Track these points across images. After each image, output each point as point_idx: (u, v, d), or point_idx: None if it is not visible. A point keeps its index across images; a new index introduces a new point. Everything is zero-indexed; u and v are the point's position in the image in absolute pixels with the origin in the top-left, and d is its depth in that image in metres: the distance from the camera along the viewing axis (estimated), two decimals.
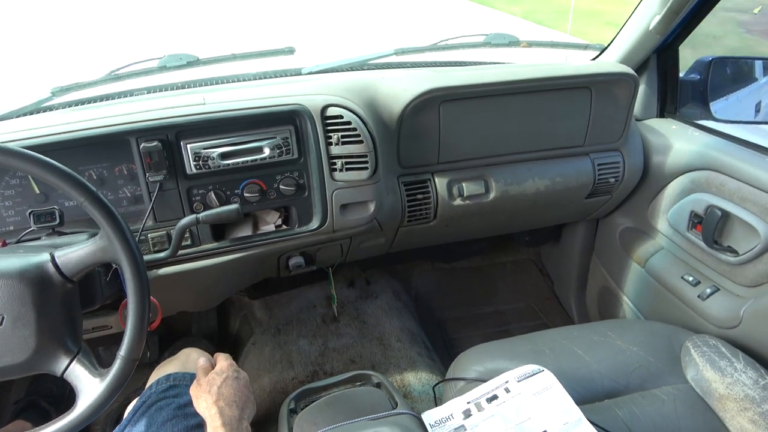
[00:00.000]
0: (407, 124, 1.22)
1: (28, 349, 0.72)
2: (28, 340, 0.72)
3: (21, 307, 0.72)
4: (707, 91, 1.48)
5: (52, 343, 0.74)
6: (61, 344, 0.74)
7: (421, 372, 1.63)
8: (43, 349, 0.73)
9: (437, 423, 0.96)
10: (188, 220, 1.00)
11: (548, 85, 1.29)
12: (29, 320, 0.72)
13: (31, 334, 0.72)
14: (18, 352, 0.72)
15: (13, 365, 0.73)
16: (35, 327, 0.72)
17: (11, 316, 0.72)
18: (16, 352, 0.72)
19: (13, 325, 0.72)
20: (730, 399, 1.01)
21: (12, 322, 0.72)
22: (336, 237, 1.26)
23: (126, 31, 7.68)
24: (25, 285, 0.72)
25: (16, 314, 0.72)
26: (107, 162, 1.06)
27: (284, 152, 1.12)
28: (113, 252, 0.73)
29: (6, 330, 0.71)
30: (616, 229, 1.66)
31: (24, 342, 0.72)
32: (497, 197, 1.35)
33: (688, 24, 1.40)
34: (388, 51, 1.48)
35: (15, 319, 0.72)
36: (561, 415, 0.94)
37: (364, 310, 1.87)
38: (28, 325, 0.72)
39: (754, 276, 1.22)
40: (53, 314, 0.74)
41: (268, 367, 1.66)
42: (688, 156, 1.37)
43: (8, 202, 1.03)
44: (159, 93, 1.32)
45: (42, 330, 0.73)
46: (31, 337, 0.72)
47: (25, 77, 5.07)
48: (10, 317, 0.72)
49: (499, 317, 2.01)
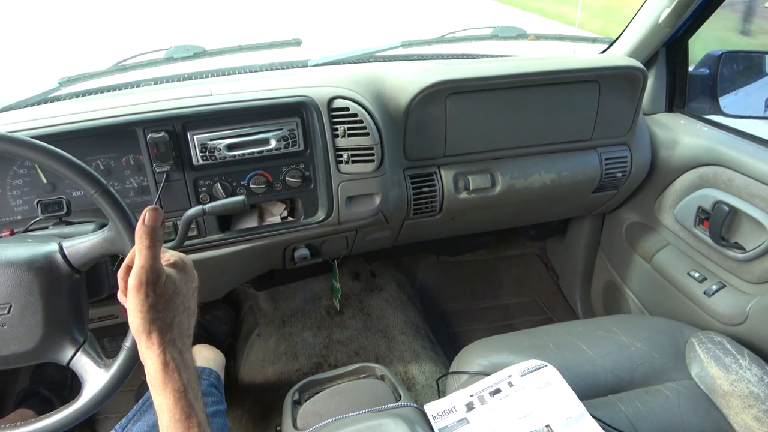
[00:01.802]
0: (414, 117, 1.22)
1: (35, 337, 0.73)
2: (35, 328, 0.73)
3: (29, 296, 0.72)
4: (716, 86, 1.46)
5: (58, 333, 0.74)
6: (68, 334, 0.75)
7: (425, 365, 1.64)
8: (49, 338, 0.74)
9: (440, 415, 0.97)
10: (194, 210, 1.00)
11: (556, 78, 1.29)
12: (37, 309, 0.73)
13: (38, 323, 0.73)
14: (25, 340, 0.73)
15: (20, 353, 0.73)
16: (42, 316, 0.73)
17: (19, 304, 0.72)
18: (23, 340, 0.73)
19: (20, 314, 0.72)
20: (734, 396, 1.01)
21: (20, 310, 0.72)
22: (341, 229, 1.26)
23: (133, 22, 7.68)
24: (33, 274, 0.73)
25: (24, 303, 0.72)
26: (114, 152, 1.07)
27: (290, 144, 1.12)
28: (122, 244, 0.74)
29: (14, 318, 0.72)
30: (623, 224, 1.66)
31: (31, 331, 0.73)
32: (503, 191, 1.35)
33: (698, 17, 1.38)
34: (394, 43, 1.48)
35: (23, 308, 0.72)
36: (564, 409, 0.94)
37: (368, 303, 1.87)
38: (36, 314, 0.73)
39: (761, 273, 1.21)
40: (60, 304, 0.75)
41: (272, 358, 1.67)
42: (696, 151, 1.36)
43: (16, 192, 1.04)
44: (166, 84, 1.32)
45: (49, 319, 0.73)
46: (38, 326, 0.73)
47: (33, 67, 5.08)
48: (18, 306, 0.72)
49: (503, 311, 2.01)
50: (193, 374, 0.62)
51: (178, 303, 0.62)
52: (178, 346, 0.61)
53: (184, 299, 0.63)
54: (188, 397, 0.59)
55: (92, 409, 0.73)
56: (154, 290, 0.59)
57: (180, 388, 0.59)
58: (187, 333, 0.63)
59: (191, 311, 0.65)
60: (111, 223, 0.74)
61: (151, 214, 0.59)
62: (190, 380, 0.61)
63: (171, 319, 0.61)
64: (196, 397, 0.61)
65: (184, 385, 0.59)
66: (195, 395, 0.60)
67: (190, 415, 0.59)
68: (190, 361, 0.62)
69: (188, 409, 0.59)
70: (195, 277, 0.68)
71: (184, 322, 0.63)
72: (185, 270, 0.65)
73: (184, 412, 0.58)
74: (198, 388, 0.62)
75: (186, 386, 0.59)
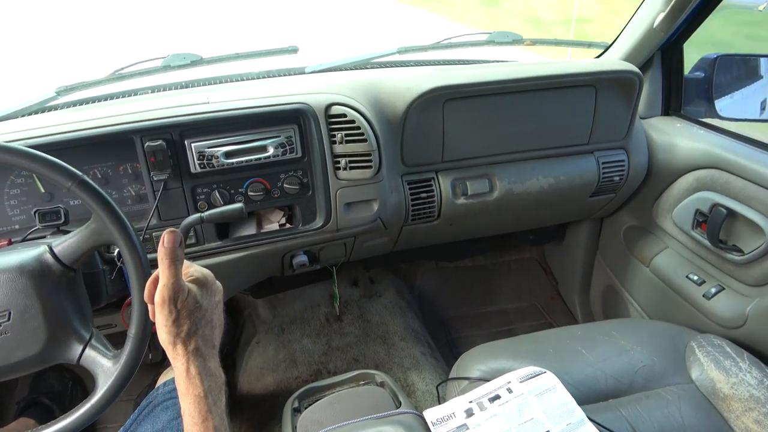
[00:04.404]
0: (411, 123, 1.22)
1: (40, 340, 0.73)
2: (38, 331, 0.73)
3: (26, 300, 0.72)
4: (712, 89, 1.47)
5: (63, 332, 0.75)
6: (73, 332, 0.75)
7: (425, 371, 1.63)
8: (54, 339, 0.74)
9: (439, 421, 0.96)
10: (192, 218, 1.00)
11: (552, 83, 1.29)
12: (36, 311, 0.73)
13: (40, 325, 0.73)
14: (30, 344, 0.73)
15: (29, 358, 0.73)
16: (43, 317, 0.73)
17: (18, 309, 0.72)
18: (29, 344, 0.73)
19: (21, 319, 0.72)
20: (734, 399, 1.01)
21: (20, 315, 0.72)
22: (340, 236, 1.26)
23: (130, 31, 7.69)
24: (26, 278, 0.73)
25: (22, 307, 0.72)
26: (112, 161, 1.07)
27: (288, 151, 1.12)
28: (108, 233, 0.74)
29: (15, 324, 0.72)
30: (621, 227, 1.66)
31: (35, 333, 0.73)
32: (501, 196, 1.35)
33: (693, 21, 1.39)
34: (391, 50, 1.48)
35: (22, 312, 0.72)
36: (564, 415, 0.94)
37: (367, 309, 1.87)
38: (36, 316, 0.73)
39: (759, 275, 1.21)
40: (60, 303, 0.75)
41: (272, 366, 1.67)
42: (693, 154, 1.36)
43: (13, 201, 1.04)
44: (163, 92, 1.32)
45: (50, 320, 0.73)
46: (41, 327, 0.73)
47: (30, 76, 5.08)
48: (17, 311, 0.72)
49: (502, 316, 2.00)
50: (215, 381, 0.67)
51: (200, 316, 0.67)
52: (202, 354, 0.66)
53: (206, 312, 0.68)
54: (207, 402, 0.65)
55: (111, 401, 0.73)
56: (176, 306, 0.64)
57: (200, 393, 0.65)
58: (211, 343, 0.68)
59: (214, 323, 0.70)
60: (94, 214, 0.74)
61: (169, 236, 0.64)
62: (211, 387, 0.66)
63: (194, 331, 0.66)
64: (215, 403, 0.66)
65: (204, 391, 0.65)
66: (214, 400, 0.66)
67: (207, 419, 0.64)
68: (214, 369, 0.68)
69: (206, 413, 0.64)
70: (217, 291, 0.72)
71: (207, 334, 0.68)
72: (206, 285, 0.69)
73: (201, 415, 0.64)
74: (220, 395, 0.67)
75: (207, 392, 0.65)
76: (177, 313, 0.64)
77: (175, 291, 0.64)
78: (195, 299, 0.66)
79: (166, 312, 0.63)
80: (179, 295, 0.64)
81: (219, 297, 0.72)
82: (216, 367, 0.68)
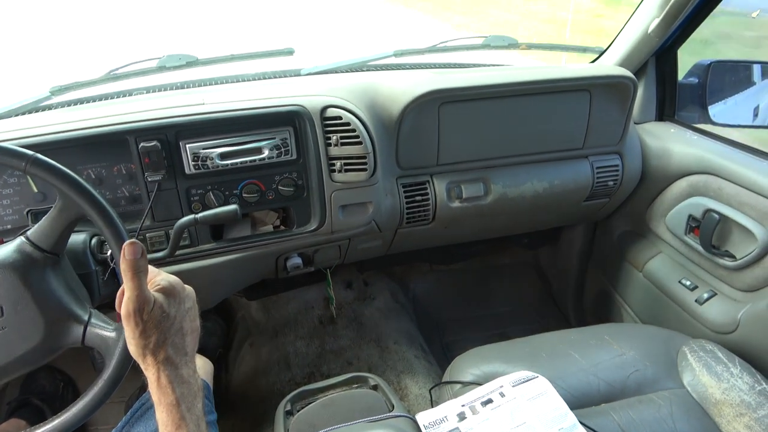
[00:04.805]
0: (406, 126, 1.22)
1: (38, 329, 0.73)
2: (35, 320, 0.73)
3: (15, 292, 0.72)
4: (706, 95, 1.48)
5: (60, 316, 0.74)
6: (70, 314, 0.75)
7: (418, 374, 1.63)
8: (53, 325, 0.74)
9: (431, 424, 0.96)
10: (187, 220, 1.00)
11: (547, 87, 1.30)
12: (28, 301, 0.72)
13: (35, 314, 0.73)
14: (31, 335, 0.73)
15: (32, 349, 0.73)
16: (36, 306, 0.73)
17: (9, 303, 0.72)
18: (29, 335, 0.73)
19: (14, 311, 0.72)
20: (726, 404, 1.01)
21: (12, 308, 0.72)
22: (334, 238, 1.26)
23: (125, 31, 7.67)
24: (9, 271, 0.72)
25: (13, 301, 0.72)
26: (106, 161, 1.06)
27: (283, 153, 1.12)
28: (75, 206, 0.73)
29: (9, 318, 0.72)
30: (615, 232, 1.66)
31: (32, 324, 0.73)
32: (496, 199, 1.35)
33: (687, 27, 1.40)
34: (387, 52, 1.48)
35: (14, 305, 0.72)
36: (556, 420, 0.94)
37: (361, 312, 1.87)
38: (29, 306, 0.72)
39: (751, 281, 1.22)
40: (49, 289, 0.75)
41: (264, 368, 1.66)
42: (687, 160, 1.37)
43: (6, 201, 1.03)
44: (158, 93, 1.31)
45: (44, 307, 0.73)
46: (37, 317, 0.73)
47: (24, 76, 5.06)
48: (8, 305, 0.72)
49: (496, 320, 2.00)
50: (188, 388, 0.65)
51: (168, 326, 0.65)
52: (173, 363, 0.65)
53: (175, 321, 0.66)
54: (180, 410, 0.63)
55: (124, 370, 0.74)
56: (142, 318, 0.63)
57: (172, 401, 0.63)
58: (182, 351, 0.67)
59: (185, 330, 0.68)
60: (58, 191, 0.73)
61: (129, 248, 0.62)
62: (184, 394, 0.64)
63: (162, 341, 0.64)
64: (189, 409, 0.64)
65: (176, 399, 0.63)
66: (188, 407, 0.64)
67: (180, 426, 0.63)
68: (187, 376, 0.66)
69: (179, 421, 0.63)
70: (187, 297, 0.70)
71: (178, 342, 0.66)
72: (174, 294, 0.67)
73: (174, 423, 0.63)
74: (194, 401, 0.66)
75: (179, 400, 0.64)
76: (144, 325, 0.63)
77: (140, 303, 0.62)
78: (162, 309, 0.64)
79: (132, 325, 0.62)
80: (144, 307, 0.63)
81: (190, 303, 0.70)
82: (190, 374, 0.67)
